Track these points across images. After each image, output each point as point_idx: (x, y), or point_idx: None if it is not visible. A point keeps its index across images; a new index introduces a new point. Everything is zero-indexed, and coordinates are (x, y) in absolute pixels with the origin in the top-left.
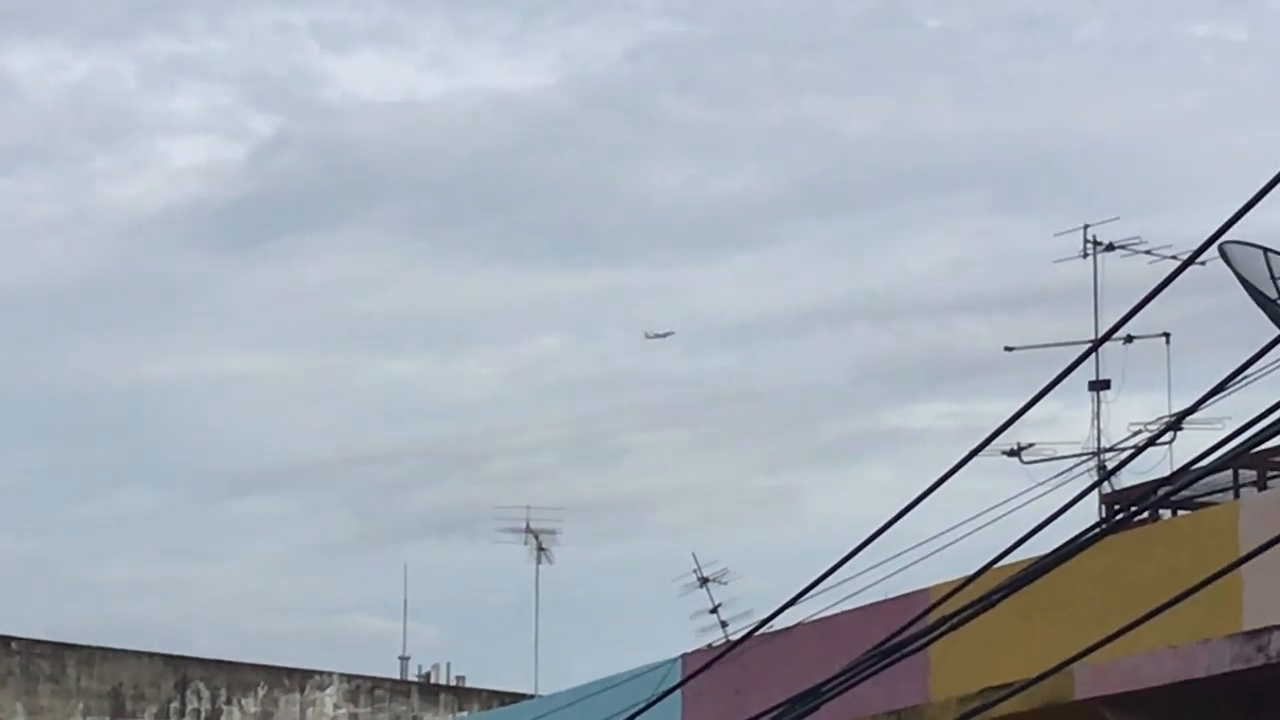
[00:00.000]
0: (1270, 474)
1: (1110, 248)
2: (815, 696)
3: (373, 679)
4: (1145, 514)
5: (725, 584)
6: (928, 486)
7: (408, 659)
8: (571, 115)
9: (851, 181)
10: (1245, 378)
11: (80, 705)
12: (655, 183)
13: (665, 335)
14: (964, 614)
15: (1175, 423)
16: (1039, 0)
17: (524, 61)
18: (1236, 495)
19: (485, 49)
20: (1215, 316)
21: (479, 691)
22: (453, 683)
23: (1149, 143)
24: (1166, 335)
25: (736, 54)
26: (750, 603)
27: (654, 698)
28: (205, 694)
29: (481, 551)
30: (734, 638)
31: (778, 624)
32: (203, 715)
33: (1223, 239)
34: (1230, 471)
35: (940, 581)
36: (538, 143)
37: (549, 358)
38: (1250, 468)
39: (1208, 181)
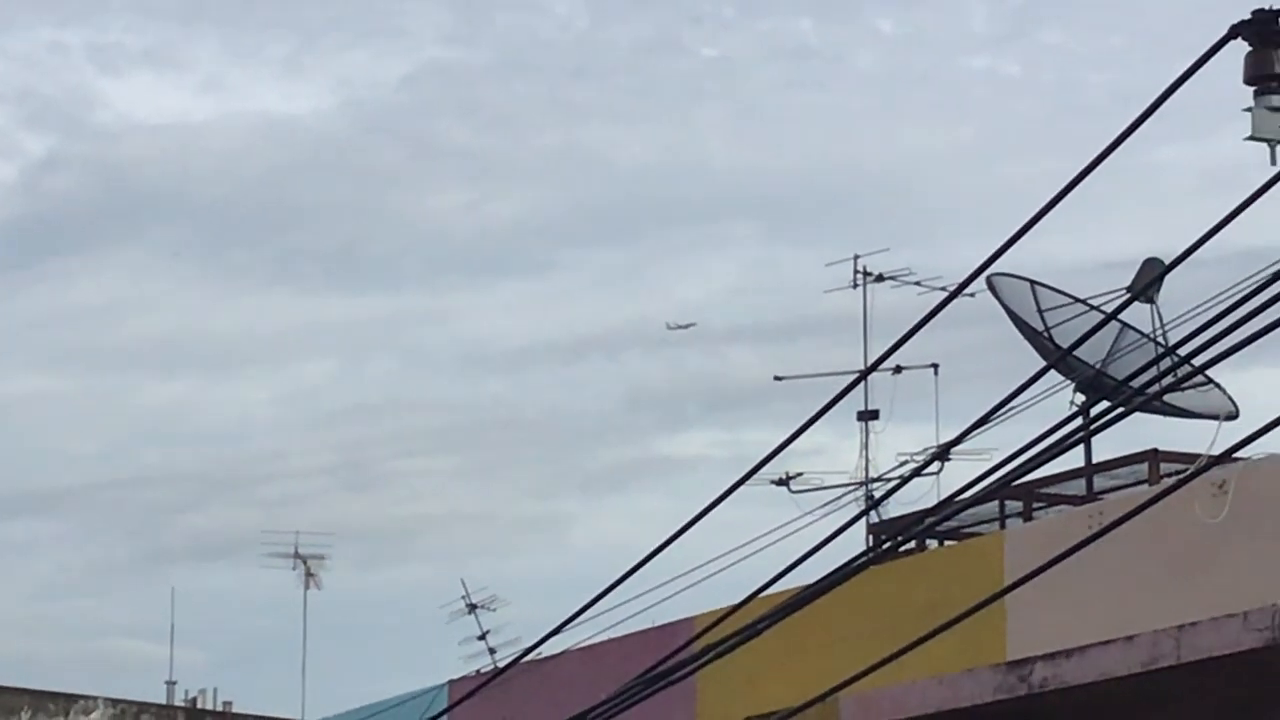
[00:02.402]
0: (1036, 505)
1: (880, 278)
2: None
3: (139, 703)
4: (911, 544)
5: (494, 611)
6: (695, 514)
7: (174, 683)
8: (348, 140)
9: (627, 209)
10: (1012, 409)
11: None
12: (431, 208)
13: (688, 326)
14: (730, 642)
15: (942, 453)
16: (815, 31)
17: (300, 85)
18: (1002, 526)
19: (261, 72)
20: (983, 348)
21: (246, 717)
22: (220, 708)
23: (922, 174)
24: (935, 366)
25: (513, 80)
26: (518, 630)
27: None
28: None
29: (250, 576)
30: (501, 664)
31: (545, 651)
32: None
33: (990, 271)
34: (996, 502)
35: (707, 610)
36: (314, 167)
37: (322, 382)
38: (1016, 499)
39: (978, 214)
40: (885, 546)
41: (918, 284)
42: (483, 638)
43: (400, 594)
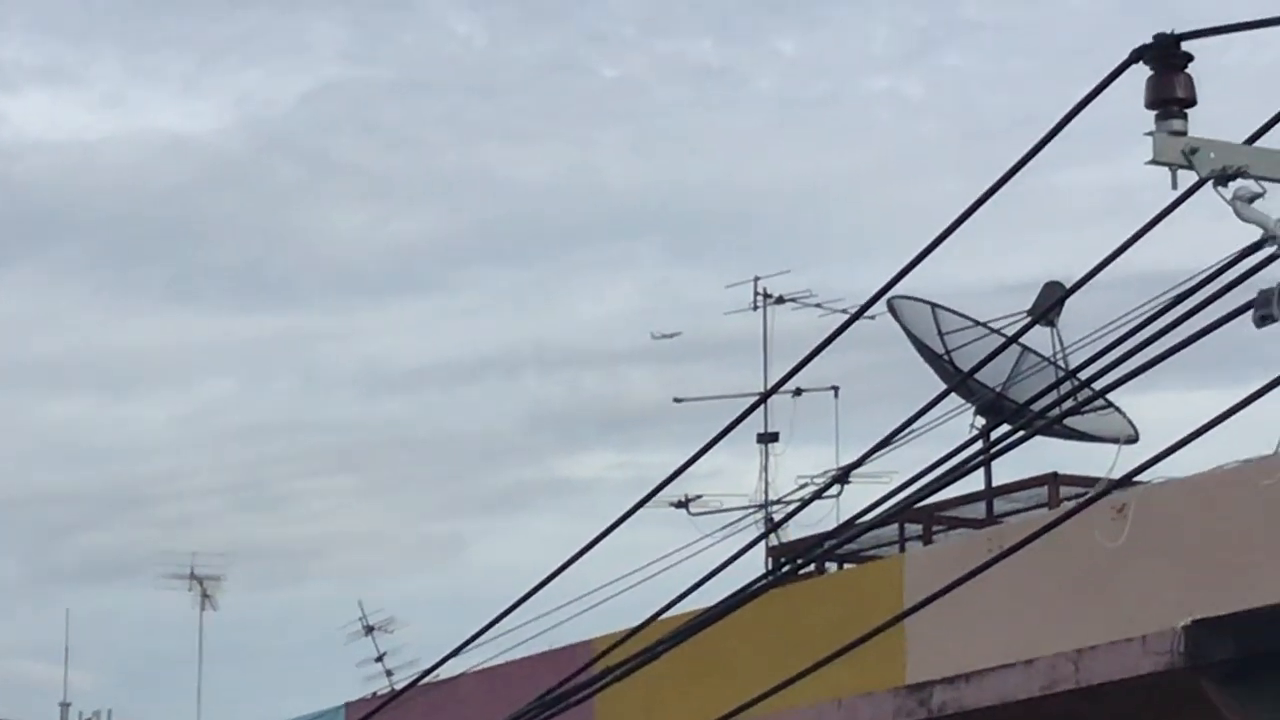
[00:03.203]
0: (936, 528)
1: (780, 300)
2: None
3: None
4: (811, 567)
5: (392, 632)
6: (594, 537)
7: (68, 705)
8: (248, 158)
9: (527, 229)
10: (912, 432)
11: None
12: (332, 227)
13: (672, 336)
14: (629, 665)
15: (842, 476)
16: (716, 51)
17: (200, 103)
18: (902, 549)
19: (161, 90)
20: (883, 371)
21: None
22: None
23: (823, 196)
24: (835, 389)
25: (413, 99)
26: (416, 651)
27: None
28: None
29: (146, 597)
30: (399, 686)
31: (443, 673)
32: None
33: (891, 294)
34: (896, 525)
35: (607, 632)
36: (214, 185)
37: (221, 401)
38: (916, 522)
39: (880, 236)
40: (785, 569)
41: (818, 306)
42: (380, 659)
43: (297, 615)
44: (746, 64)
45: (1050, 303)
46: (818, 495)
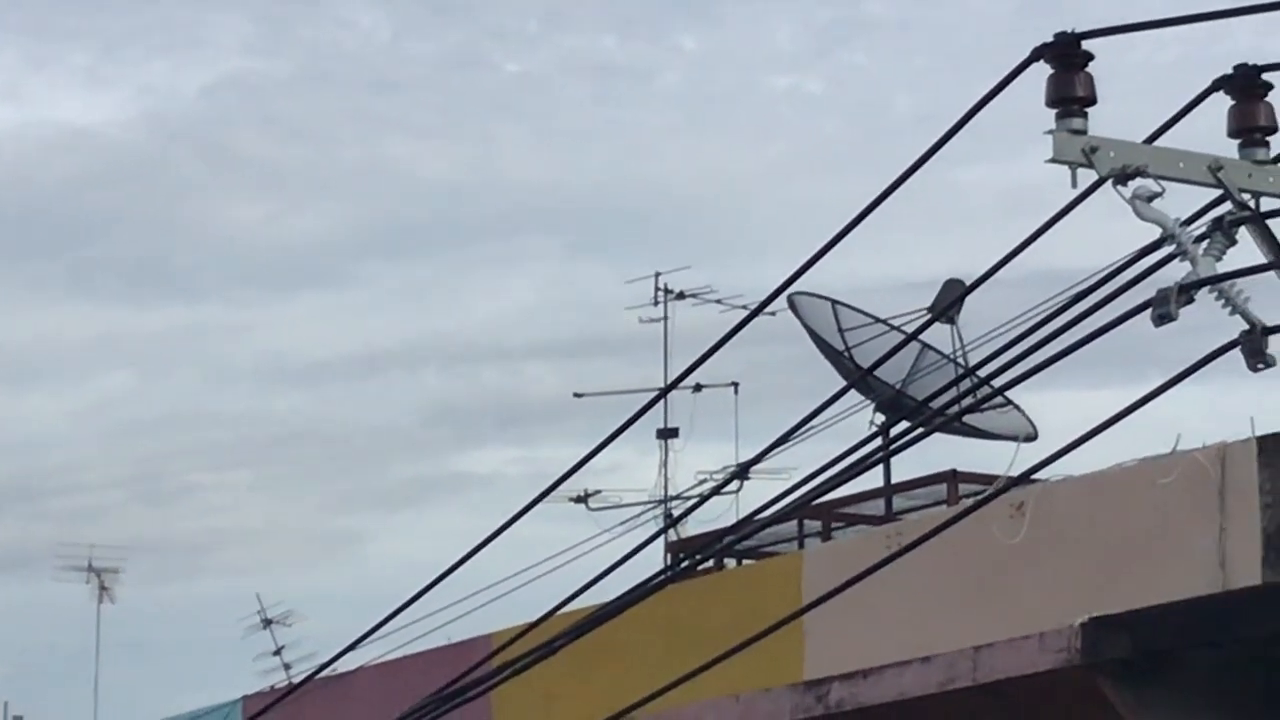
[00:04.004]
0: (834, 525)
1: (681, 296)
2: None
3: None
4: (710, 562)
5: (289, 626)
6: (492, 531)
7: None
8: (148, 150)
9: (428, 224)
10: (811, 428)
11: None
12: (232, 220)
13: (658, 320)
14: (526, 660)
15: (741, 472)
16: (619, 48)
17: (100, 95)
18: (801, 545)
19: (60, 82)
20: (783, 367)
21: None
22: None
23: (725, 192)
24: (735, 384)
25: (315, 92)
26: (314, 645)
27: None
28: None
29: (42, 590)
30: (296, 680)
31: (341, 666)
32: None
33: (791, 290)
34: (795, 521)
35: (505, 627)
36: (113, 177)
37: (118, 395)
38: (815, 518)
39: (781, 232)
40: (683, 565)
41: (719, 302)
42: (278, 653)
43: (195, 608)
44: (649, 60)
45: (950, 300)
46: (717, 491)
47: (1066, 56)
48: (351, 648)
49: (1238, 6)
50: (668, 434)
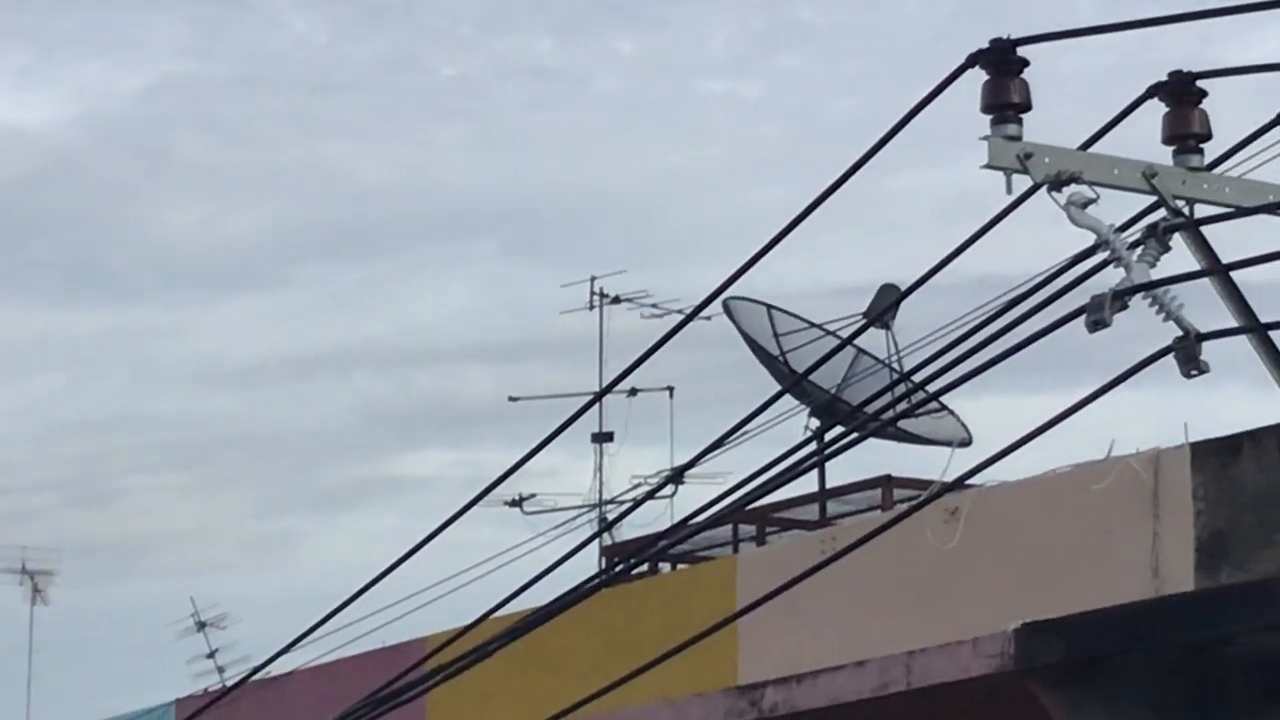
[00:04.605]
0: (769, 529)
1: (616, 300)
2: None
3: None
4: (645, 567)
5: (224, 629)
6: (427, 535)
7: None
8: (84, 152)
9: (364, 227)
10: (746, 433)
11: None
12: (168, 222)
13: (665, 314)
14: (462, 663)
15: (676, 476)
16: (555, 51)
17: (37, 96)
18: (736, 550)
19: None
20: (718, 372)
21: None
22: None
23: (661, 196)
24: (670, 389)
25: (252, 95)
26: (248, 648)
27: None
28: None
29: None
30: (230, 683)
31: (275, 669)
32: None
33: (727, 295)
34: (730, 526)
35: (439, 630)
36: (48, 178)
37: (52, 396)
38: (750, 523)
39: (717, 237)
40: (618, 569)
41: (654, 306)
42: (211, 655)
43: (129, 610)
44: (585, 64)
45: (885, 305)
46: (651, 495)
47: (1002, 63)
48: (286, 650)
49: (1172, 14)
50: (603, 438)
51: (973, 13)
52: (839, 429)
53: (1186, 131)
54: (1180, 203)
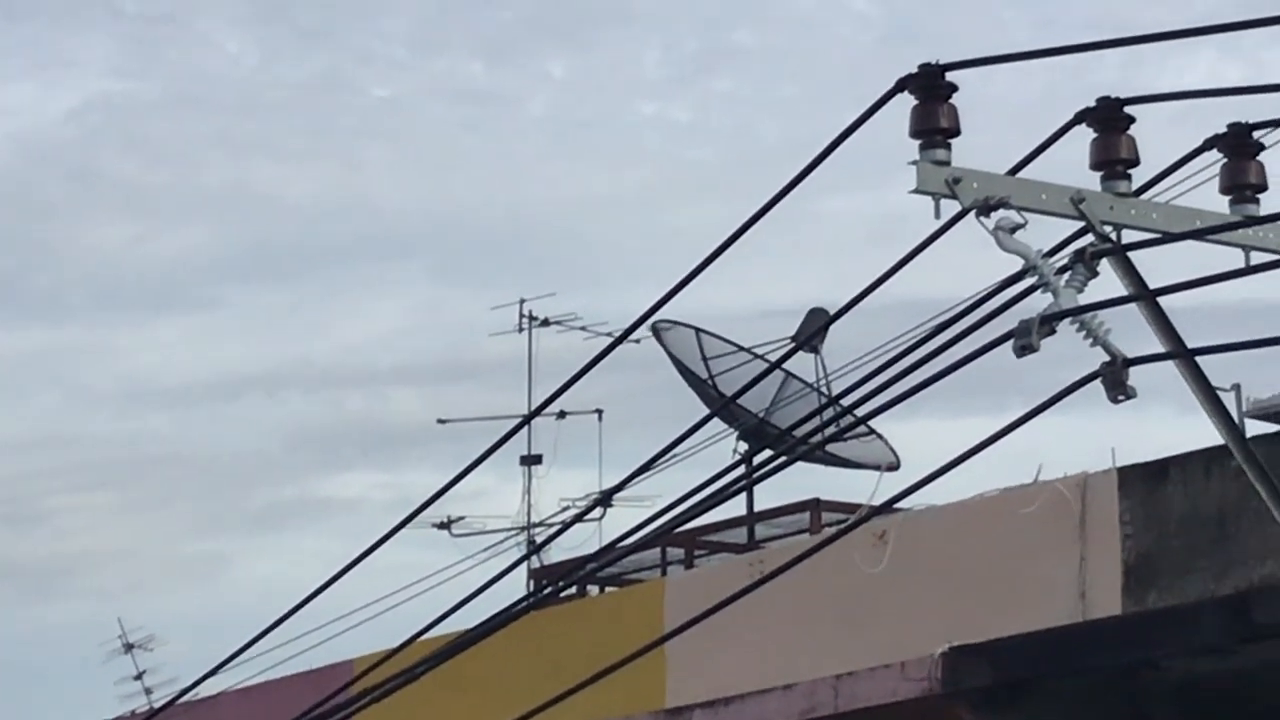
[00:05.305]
0: (697, 552)
1: (546, 323)
2: None
3: None
4: (573, 589)
5: (151, 650)
6: (356, 557)
7: None
8: (12, 171)
9: (293, 248)
10: (675, 456)
11: None
12: (97, 242)
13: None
14: (388, 686)
15: (604, 499)
16: (486, 73)
17: None
18: (664, 573)
19: None
20: (647, 394)
21: None
22: None
23: (591, 219)
24: (599, 412)
25: (182, 115)
26: (176, 669)
27: None
28: None
29: None
30: (157, 704)
31: (202, 691)
32: None
33: (656, 318)
34: (658, 549)
35: (367, 653)
36: None
37: None
38: (678, 546)
39: (647, 260)
40: (546, 591)
41: (584, 329)
42: (139, 677)
43: (56, 632)
44: (517, 86)
45: (814, 329)
46: (580, 518)
47: (930, 87)
48: (214, 672)
49: (1099, 40)
50: (531, 460)
51: (903, 36)
52: (767, 452)
53: (1114, 157)
54: (1108, 228)
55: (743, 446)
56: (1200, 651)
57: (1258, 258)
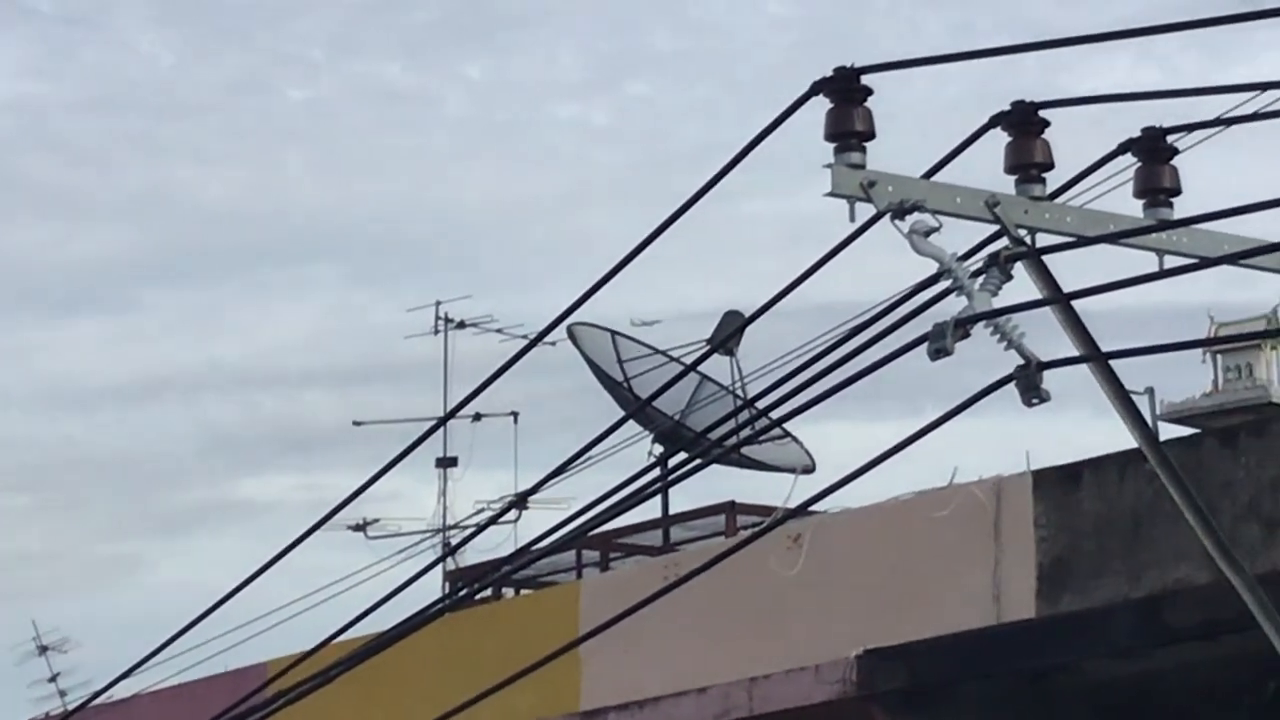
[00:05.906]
0: (613, 555)
1: (461, 325)
2: None
3: None
4: (488, 591)
5: (66, 653)
6: (270, 558)
7: None
8: None
9: (209, 250)
10: (590, 459)
11: None
12: (14, 243)
13: (652, 324)
14: (303, 688)
15: (519, 501)
16: (404, 75)
17: None
18: (579, 575)
19: None
20: (563, 397)
21: None
22: None
23: (507, 221)
24: (515, 414)
25: (98, 117)
26: (91, 672)
27: None
28: None
29: None
30: (72, 707)
31: (117, 693)
32: None
33: (571, 320)
34: (574, 551)
35: (281, 655)
36: None
37: None
38: (593, 548)
39: (563, 262)
40: (461, 594)
41: (499, 331)
42: (54, 679)
43: None
44: (434, 88)
45: (729, 332)
46: (495, 520)
47: (845, 91)
48: (129, 674)
49: (1016, 44)
50: (447, 463)
51: (818, 39)
52: (683, 455)
53: (1029, 161)
54: (1022, 232)
55: (658, 449)
56: (1114, 654)
57: (1171, 261)
